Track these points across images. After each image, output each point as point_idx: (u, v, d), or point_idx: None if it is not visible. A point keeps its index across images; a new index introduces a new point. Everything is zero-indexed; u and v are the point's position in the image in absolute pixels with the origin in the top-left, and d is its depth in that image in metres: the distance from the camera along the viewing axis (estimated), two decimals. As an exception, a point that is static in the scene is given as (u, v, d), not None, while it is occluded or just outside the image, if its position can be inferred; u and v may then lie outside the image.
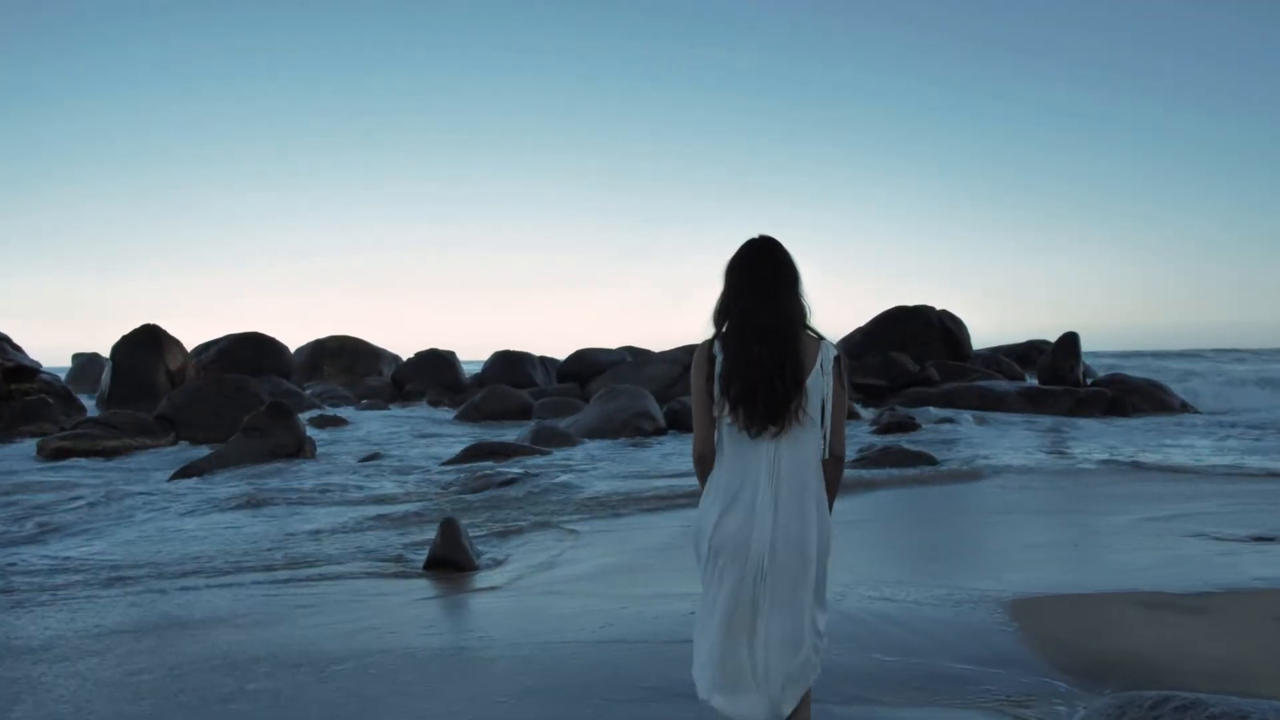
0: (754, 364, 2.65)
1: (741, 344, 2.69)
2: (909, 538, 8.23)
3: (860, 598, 5.51)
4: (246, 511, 9.60)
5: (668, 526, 8.48)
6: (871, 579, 5.99)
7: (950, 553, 7.26)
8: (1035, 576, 6.04)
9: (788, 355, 2.67)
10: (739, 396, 2.66)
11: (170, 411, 20.30)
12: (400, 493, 10.75)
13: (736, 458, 2.71)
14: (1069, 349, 28.50)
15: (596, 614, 5.38)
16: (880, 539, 8.09)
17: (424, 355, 33.75)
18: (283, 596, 6.13)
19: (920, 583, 5.90)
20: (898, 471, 11.59)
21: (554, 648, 4.74)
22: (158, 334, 26.58)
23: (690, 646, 2.82)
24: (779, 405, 2.65)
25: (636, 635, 4.92)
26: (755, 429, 2.66)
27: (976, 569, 6.39)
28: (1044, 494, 10.46)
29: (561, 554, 7.40)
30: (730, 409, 2.68)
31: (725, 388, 2.68)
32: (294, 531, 8.44)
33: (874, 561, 6.73)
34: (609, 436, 16.85)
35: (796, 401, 2.65)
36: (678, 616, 5.13)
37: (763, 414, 2.65)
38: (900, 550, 7.54)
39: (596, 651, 4.66)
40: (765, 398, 2.64)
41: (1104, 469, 12.40)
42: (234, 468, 13.75)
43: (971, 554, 7.24)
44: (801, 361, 2.68)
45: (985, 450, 14.31)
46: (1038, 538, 7.73)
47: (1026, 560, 6.73)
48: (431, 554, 7.07)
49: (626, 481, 11.34)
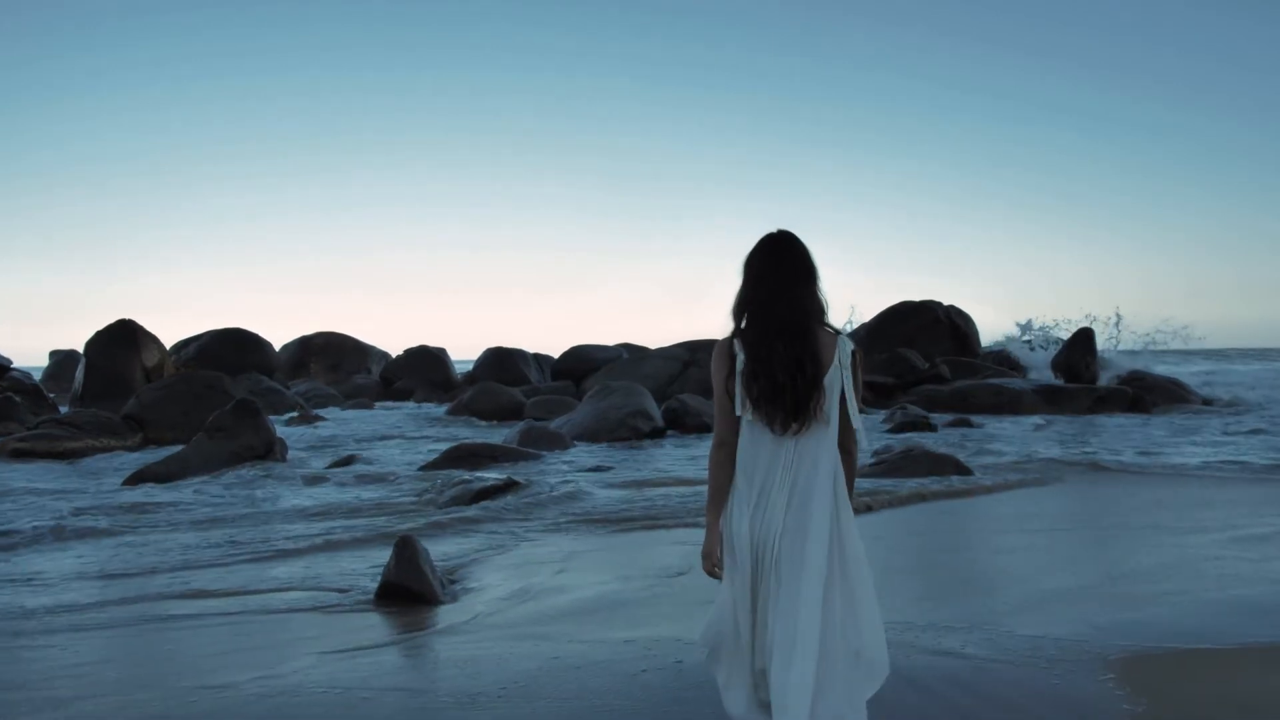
0: (776, 361, 2.64)
1: (762, 340, 2.67)
2: (959, 565, 6.91)
3: (918, 652, 4.30)
4: (185, 526, 8.40)
5: (670, 547, 7.26)
6: (925, 623, 4.79)
7: (1017, 584, 5.96)
8: (1137, 620, 4.79)
9: (807, 352, 2.65)
10: (762, 395, 2.64)
11: (137, 411, 19.10)
12: (367, 503, 9.54)
13: (758, 456, 2.69)
14: (1084, 345, 27.34)
15: (575, 672, 4.18)
16: (923, 567, 6.85)
17: (413, 352, 32.56)
18: (170, 635, 4.94)
19: (990, 629, 4.69)
20: (929, 482, 10.34)
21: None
22: (133, 330, 25.48)
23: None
24: (800, 403, 2.63)
25: (626, 708, 3.73)
26: (778, 427, 2.65)
27: (1057, 608, 5.14)
28: (1101, 502, 9.27)
29: (544, 580, 6.20)
30: (753, 407, 2.65)
31: (748, 386, 2.65)
32: (231, 551, 7.23)
33: (923, 599, 5.52)
34: (603, 436, 15.64)
35: (816, 399, 2.64)
36: (685, 675, 3.94)
37: (785, 412, 2.63)
38: (952, 583, 6.19)
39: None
40: (788, 396, 2.62)
41: (1134, 470, 11.22)
42: (193, 474, 12.55)
43: (1043, 587, 5.89)
44: (820, 358, 2.66)
45: (1015, 451, 13.12)
46: (1121, 563, 6.35)
47: (1117, 595, 5.46)
48: (384, 581, 5.88)
49: (623, 492, 10.14)
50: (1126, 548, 6.89)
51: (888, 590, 5.10)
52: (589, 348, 29.11)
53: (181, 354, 28.90)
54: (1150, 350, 29.49)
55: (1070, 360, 26.27)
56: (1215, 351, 63.25)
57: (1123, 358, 28.01)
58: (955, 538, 7.96)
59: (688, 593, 5.71)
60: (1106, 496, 9.78)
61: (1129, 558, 6.53)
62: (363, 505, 9.39)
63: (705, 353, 26.77)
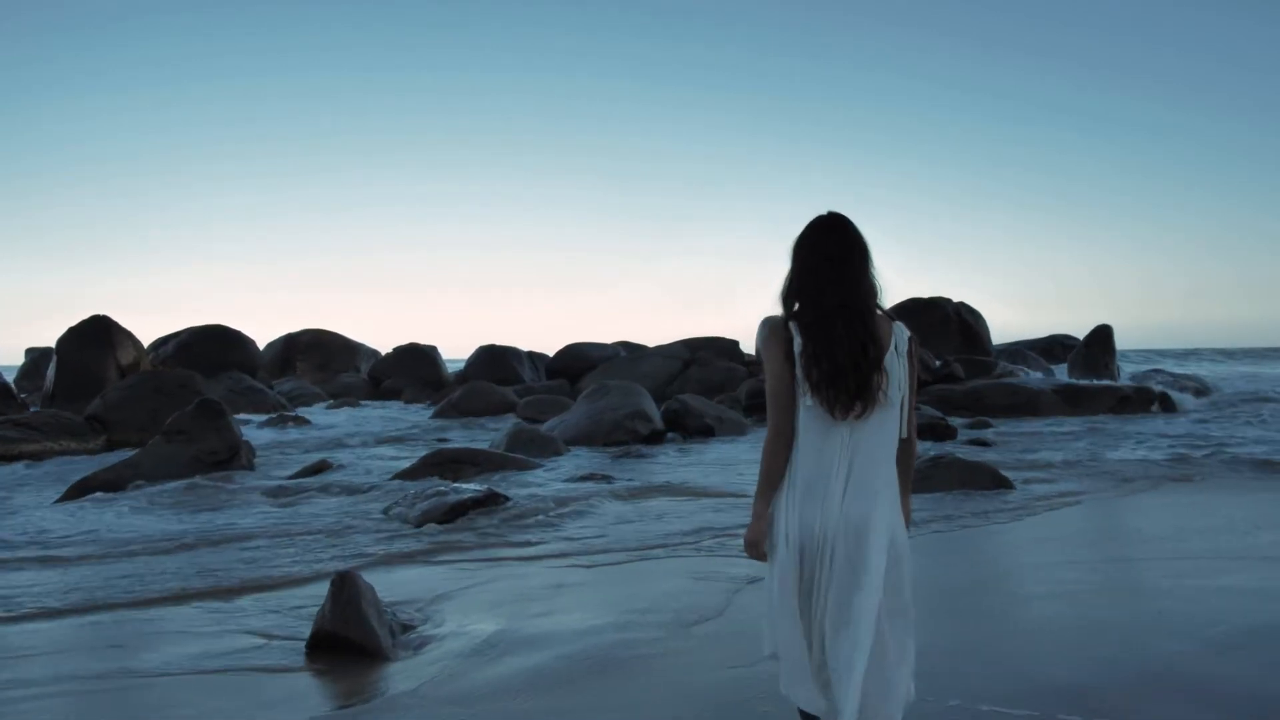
0: (837, 343, 2.49)
1: (822, 322, 2.52)
2: (1049, 616, 5.78)
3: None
4: (99, 551, 7.20)
5: (683, 581, 6.03)
6: (999, 693, 3.61)
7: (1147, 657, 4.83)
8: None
9: (869, 334, 2.52)
10: (825, 378, 2.47)
11: (102, 411, 17.95)
12: (327, 520, 8.35)
13: (816, 443, 2.52)
14: (1103, 342, 26.22)
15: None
16: (991, 613, 5.66)
17: (403, 350, 31.39)
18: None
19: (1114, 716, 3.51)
20: (974, 497, 9.14)
21: None
22: (108, 326, 24.27)
23: None
24: (862, 385, 2.48)
25: None
26: (840, 412, 2.49)
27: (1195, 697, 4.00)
28: (1178, 519, 8.09)
29: (521, 626, 5.02)
30: (813, 390, 2.48)
31: (808, 369, 2.49)
32: (139, 585, 6.04)
33: (992, 665, 4.33)
34: (598, 440, 14.44)
35: (878, 382, 2.50)
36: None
37: (849, 396, 2.48)
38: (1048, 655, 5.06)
39: None
40: (850, 378, 2.47)
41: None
42: (146, 483, 11.39)
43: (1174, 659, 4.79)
44: (880, 340, 2.54)
45: (1046, 457, 11.95)
46: (1252, 612, 5.27)
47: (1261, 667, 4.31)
48: (316, 630, 4.71)
49: (621, 506, 8.96)
50: (1247, 582, 5.70)
51: (932, 658, 3.95)
52: (585, 345, 27.93)
53: (160, 352, 27.70)
54: (1154, 351, 28.51)
55: (1089, 359, 25.13)
56: (1221, 352, 62.33)
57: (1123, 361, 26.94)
58: (1022, 576, 6.78)
59: (710, 648, 4.53)
60: (1154, 509, 8.60)
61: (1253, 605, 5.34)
62: (321, 523, 8.19)
63: (707, 350, 25.78)
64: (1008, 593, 5.81)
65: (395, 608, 5.30)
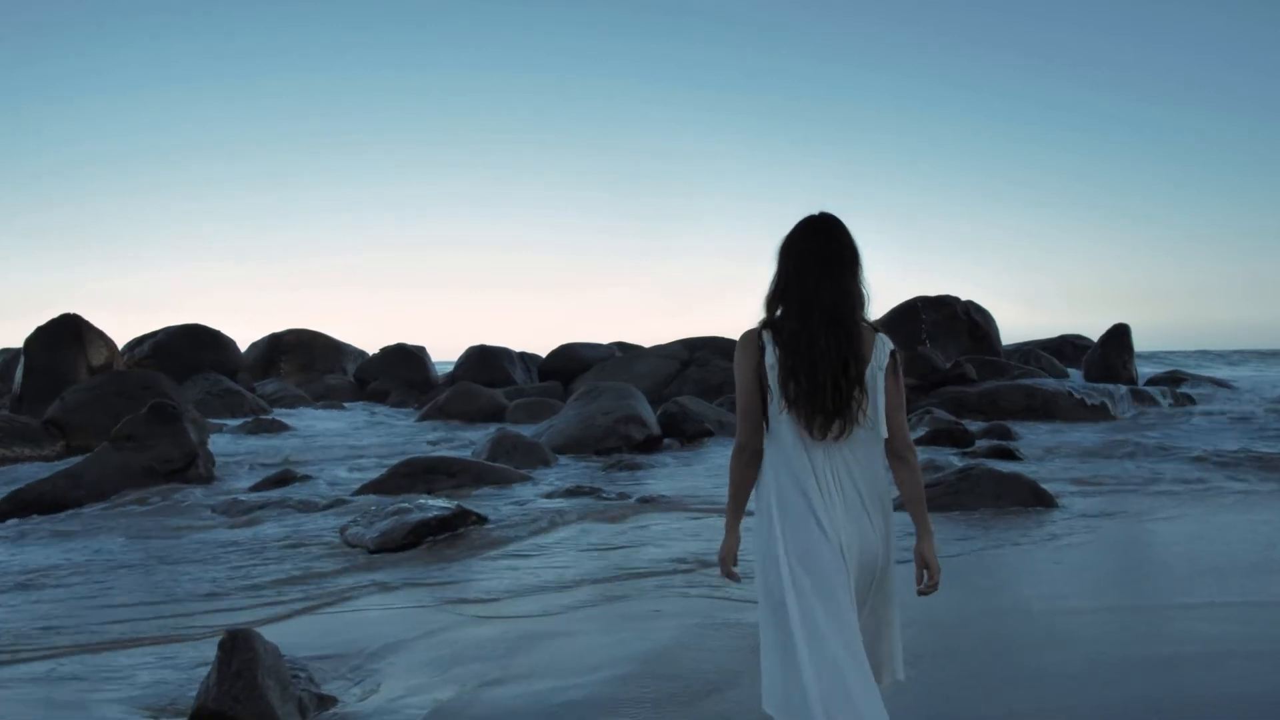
0: (818, 356, 2.38)
1: (803, 331, 2.41)
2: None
3: None
4: None
5: (677, 626, 4.94)
6: None
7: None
8: None
9: (852, 350, 2.41)
10: (803, 394, 2.37)
11: (60, 415, 16.82)
12: (271, 546, 7.22)
13: (791, 462, 2.40)
14: (1120, 342, 25.12)
15: None
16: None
17: (390, 351, 30.24)
18: None
19: None
20: (1008, 516, 8.05)
21: None
22: (78, 325, 23.12)
23: None
24: (842, 404, 2.37)
25: None
26: (818, 432, 2.38)
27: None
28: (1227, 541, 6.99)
29: (469, 697, 3.91)
30: (789, 406, 2.38)
31: (784, 383, 2.39)
32: (20, 641, 4.92)
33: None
34: (588, 446, 13.31)
35: (859, 400, 2.39)
36: None
37: (825, 414, 2.37)
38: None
39: None
40: (828, 396, 2.36)
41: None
42: (87, 496, 10.31)
43: None
44: (863, 356, 2.42)
45: (1091, 470, 10.86)
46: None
47: None
48: (198, 706, 3.61)
49: (609, 527, 7.86)
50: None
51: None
52: (579, 346, 26.81)
53: (134, 352, 26.56)
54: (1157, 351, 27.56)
55: (1106, 359, 24.03)
56: (1226, 353, 61.33)
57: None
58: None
59: None
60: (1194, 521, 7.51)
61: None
62: (263, 552, 7.06)
63: (705, 351, 24.64)
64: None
65: (317, 669, 4.21)
